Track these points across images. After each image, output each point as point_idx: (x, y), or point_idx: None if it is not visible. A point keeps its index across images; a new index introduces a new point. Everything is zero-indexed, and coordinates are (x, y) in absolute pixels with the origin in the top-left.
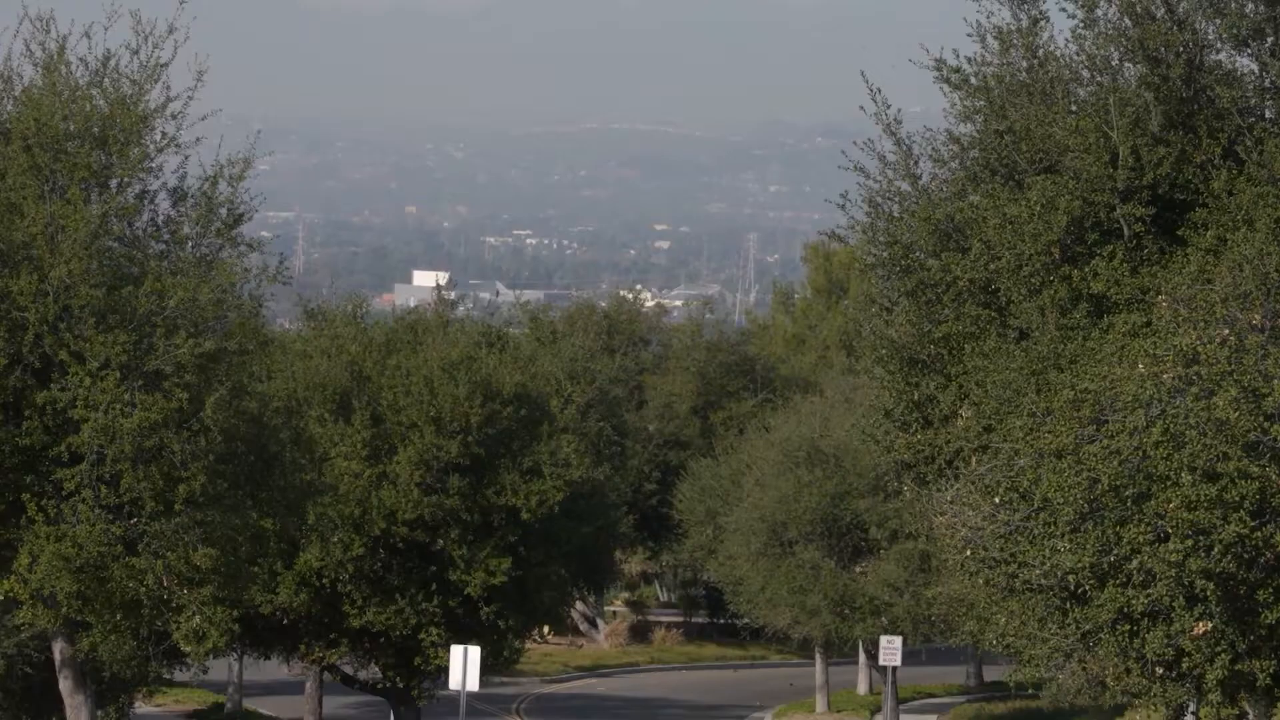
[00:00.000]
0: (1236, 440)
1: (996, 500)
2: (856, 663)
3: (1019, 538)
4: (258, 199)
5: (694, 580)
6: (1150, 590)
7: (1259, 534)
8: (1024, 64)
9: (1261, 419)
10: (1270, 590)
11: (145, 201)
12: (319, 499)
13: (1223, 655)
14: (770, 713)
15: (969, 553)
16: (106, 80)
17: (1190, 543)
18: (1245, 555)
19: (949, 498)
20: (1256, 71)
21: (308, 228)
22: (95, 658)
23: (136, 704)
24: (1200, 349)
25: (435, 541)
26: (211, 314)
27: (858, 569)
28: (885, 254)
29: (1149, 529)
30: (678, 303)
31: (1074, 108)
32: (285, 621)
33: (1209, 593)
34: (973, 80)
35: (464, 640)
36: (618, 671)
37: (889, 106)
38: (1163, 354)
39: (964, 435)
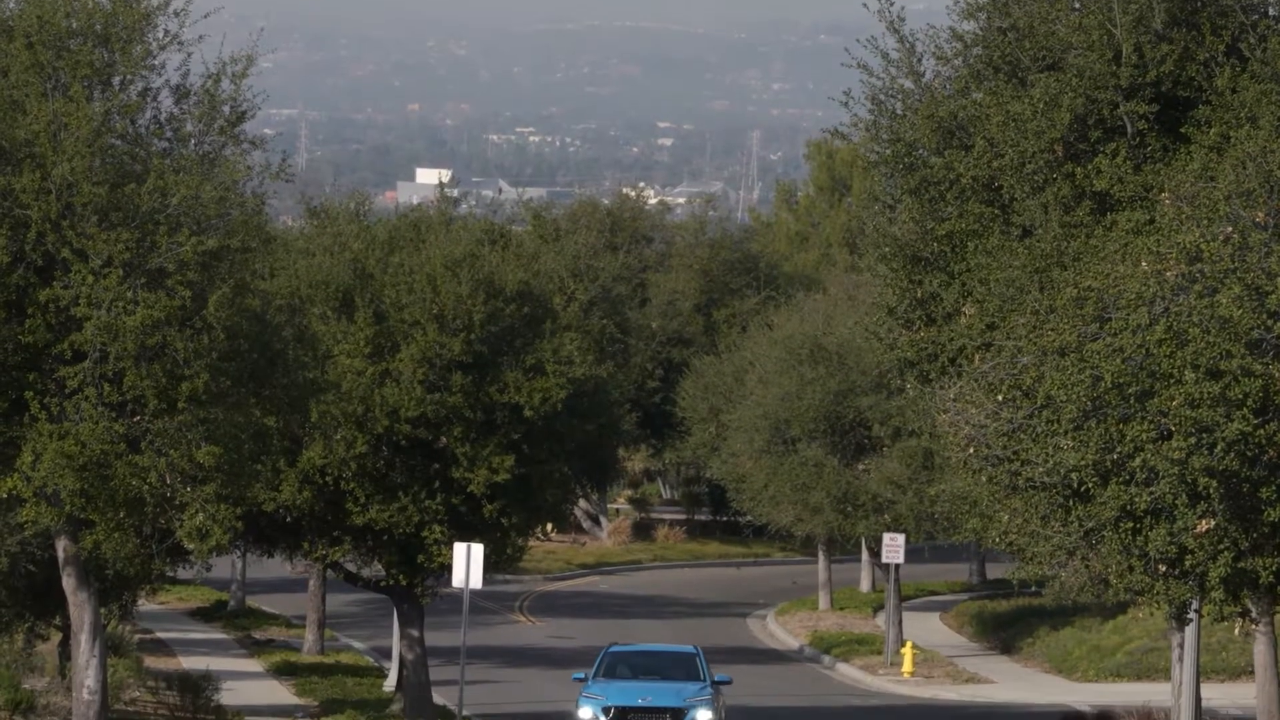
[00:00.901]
0: (1239, 338)
1: (999, 398)
2: (859, 560)
3: (1022, 435)
4: (260, 96)
5: (697, 478)
6: (1153, 488)
7: (1262, 431)
8: None
9: (1265, 316)
10: (1273, 488)
11: (148, 99)
12: (322, 396)
13: (1225, 553)
14: (773, 610)
15: (972, 450)
16: None
17: (1193, 440)
18: (1248, 453)
19: (952, 395)
20: None
21: (310, 125)
22: (98, 555)
23: (140, 602)
24: (1203, 246)
25: (438, 439)
26: (214, 212)
27: (860, 466)
28: (888, 151)
29: (1152, 427)
30: (681, 200)
31: (1077, 4)
32: (288, 519)
33: (1212, 490)
34: None
35: (467, 538)
36: (621, 569)
37: (892, 3)
38: (1166, 252)
39: (967, 333)
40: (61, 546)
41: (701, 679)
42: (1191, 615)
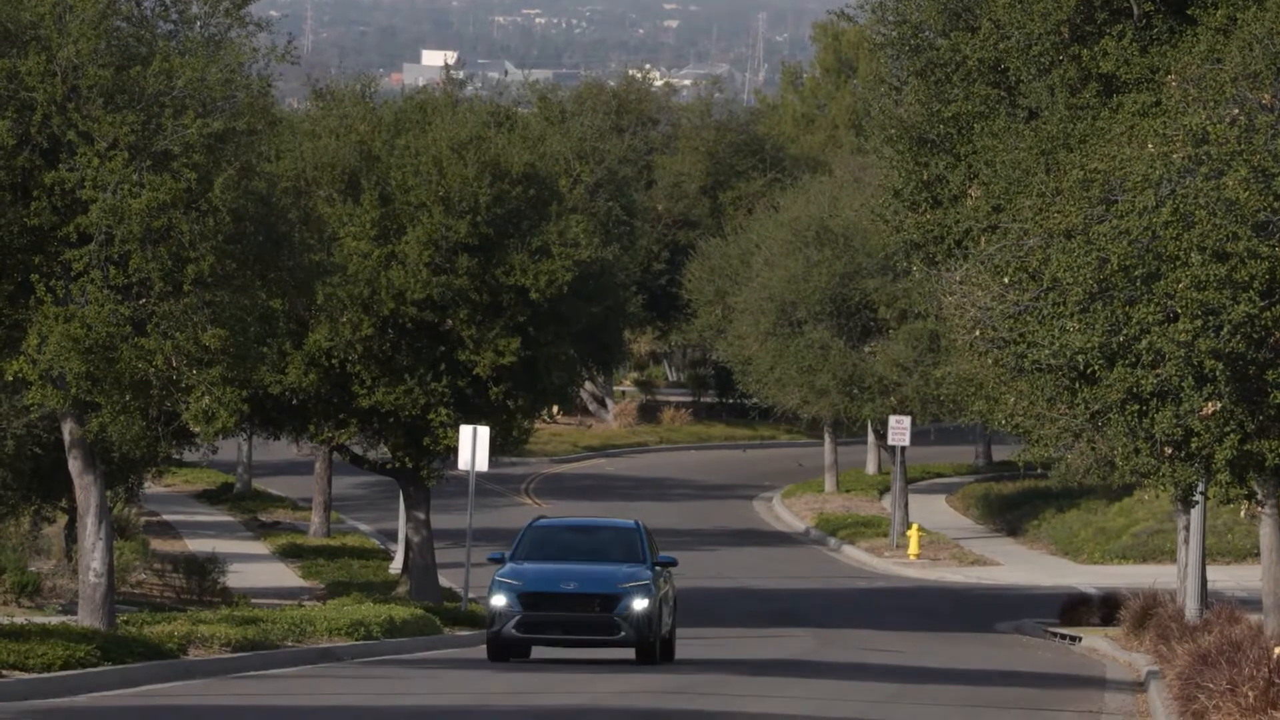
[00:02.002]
0: (1246, 220)
1: (1005, 280)
2: (865, 443)
3: (1028, 318)
4: None
5: (703, 360)
6: (1159, 370)
7: (1268, 314)
8: None
9: (1271, 199)
10: (1279, 370)
11: None
12: (328, 279)
13: (1231, 435)
14: (779, 493)
15: (978, 333)
16: None
17: (1199, 323)
18: (1254, 335)
19: (958, 278)
20: None
21: (316, 7)
22: (104, 438)
23: (146, 484)
24: (1210, 129)
25: (444, 322)
26: (220, 94)
27: (866, 349)
28: (894, 33)
29: (1158, 309)
30: (686, 82)
31: None
32: (294, 402)
33: (1218, 373)
34: None
35: (473, 420)
36: (626, 451)
37: None
38: (1172, 134)
39: (973, 215)
40: (67, 429)
41: (641, 559)
42: (1197, 498)
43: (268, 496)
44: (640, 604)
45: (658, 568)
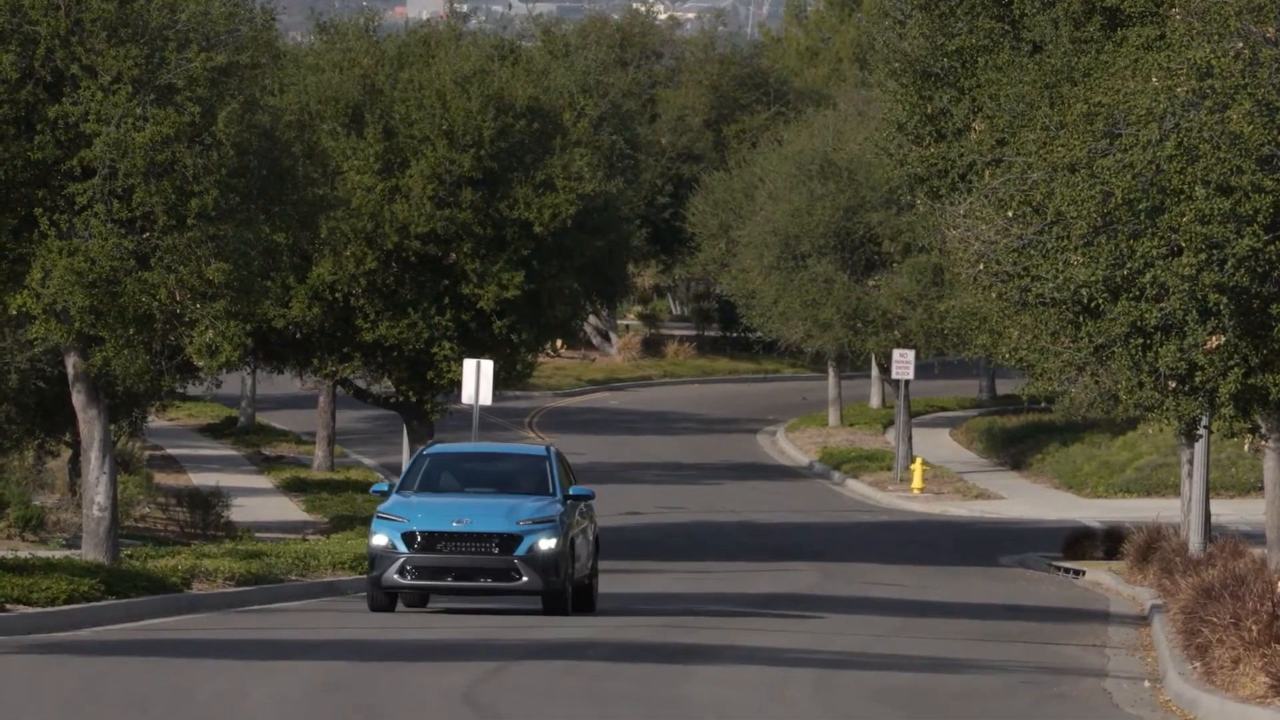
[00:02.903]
0: (1250, 154)
1: (1009, 214)
2: (869, 377)
3: (1032, 251)
4: None
5: (707, 294)
6: (1163, 304)
7: (1272, 248)
8: None
9: (1275, 132)
10: None
11: None
12: (331, 213)
13: (1236, 369)
14: (783, 427)
15: (982, 266)
16: None
17: (1203, 256)
18: (1259, 269)
19: (962, 211)
20: None
21: None
22: (108, 372)
23: (150, 418)
24: (1214, 62)
25: (448, 255)
26: (224, 27)
27: (870, 282)
28: None
29: (1162, 243)
30: (690, 15)
31: None
32: (298, 336)
33: (1222, 307)
34: None
35: (477, 354)
36: (630, 385)
37: None
38: (1176, 67)
39: (977, 149)
40: (71, 363)
41: (551, 491)
42: (1201, 431)
43: (271, 431)
44: (546, 544)
45: (571, 501)
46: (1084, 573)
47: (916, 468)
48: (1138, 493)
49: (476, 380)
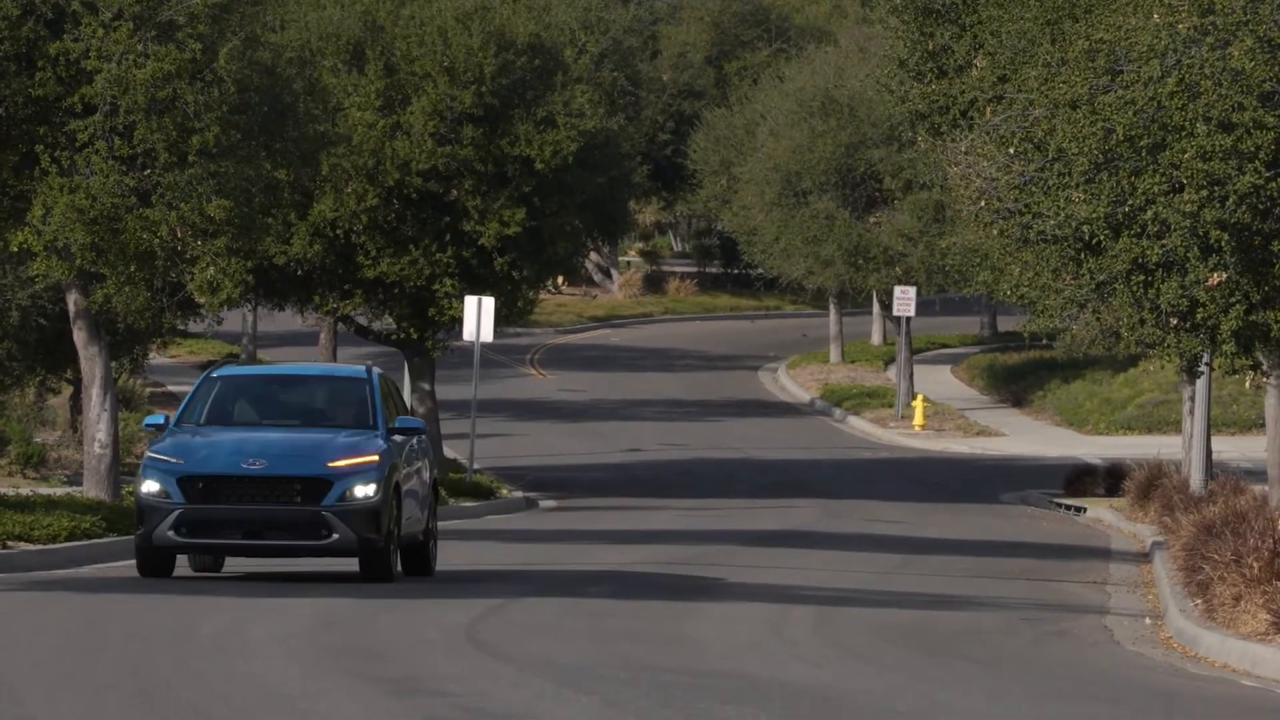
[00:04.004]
0: (1252, 90)
1: (1011, 151)
2: (870, 313)
3: (1033, 188)
4: None
5: (708, 230)
6: (1164, 241)
7: (1273, 185)
8: None
9: (1277, 69)
10: None
11: None
12: (333, 150)
13: (1237, 306)
14: (784, 364)
15: (983, 203)
16: None
17: (1205, 193)
18: (1260, 206)
19: (963, 148)
20: None
21: None
22: (109, 309)
23: (151, 355)
24: None
25: (449, 192)
26: None
27: (872, 219)
28: None
29: (1164, 179)
30: None
31: None
32: (299, 273)
33: (1223, 243)
34: None
35: (478, 291)
36: (631, 322)
37: None
38: (1178, 3)
39: (978, 85)
40: (72, 300)
41: (371, 425)
42: (1202, 368)
43: None
44: (363, 490)
45: (398, 437)
46: (1085, 510)
47: (918, 405)
48: (1139, 430)
49: (478, 317)
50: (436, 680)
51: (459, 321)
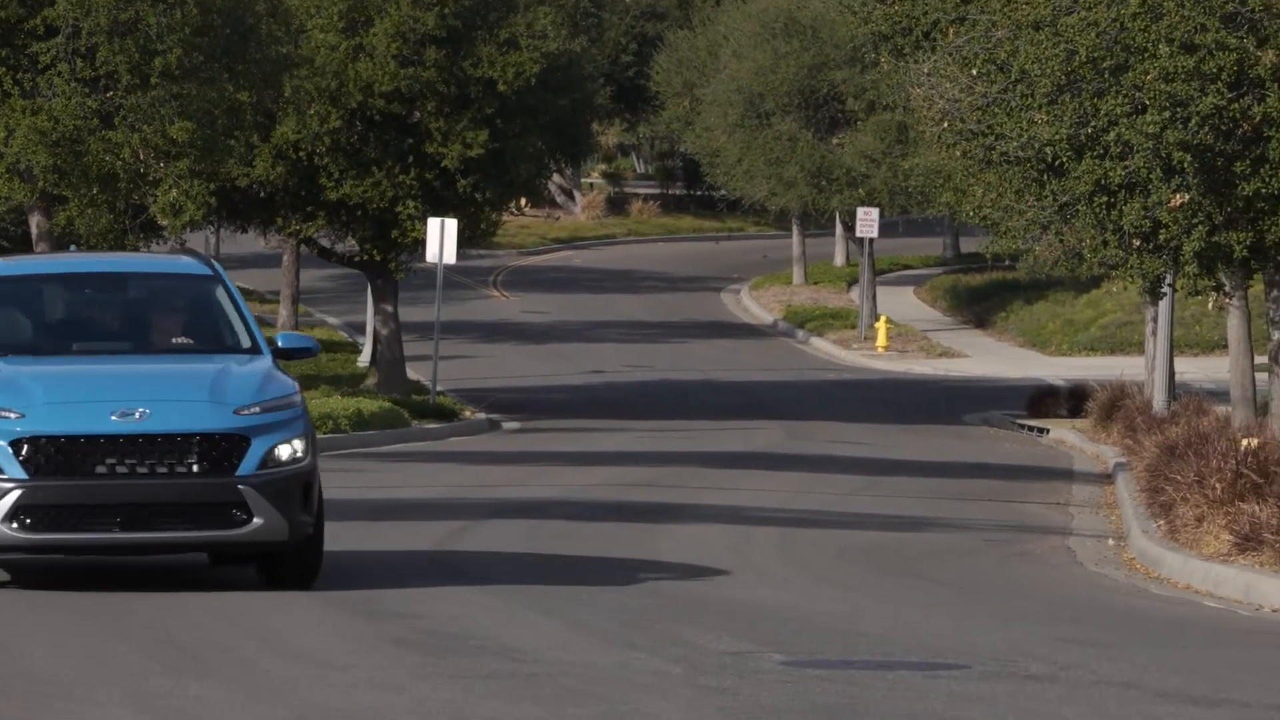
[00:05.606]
0: (1214, 11)
1: (974, 72)
2: (833, 235)
3: (996, 110)
4: None
5: (671, 152)
6: (1127, 162)
7: (1236, 106)
8: None
9: None
10: (1247, 162)
11: None
12: (295, 71)
13: (1200, 227)
14: (747, 285)
15: (946, 125)
16: None
17: (1167, 114)
18: (1222, 127)
19: (926, 70)
20: None
21: None
22: (72, 231)
23: None
24: None
25: (412, 114)
26: None
27: (835, 141)
28: None
29: (1126, 100)
30: None
31: None
32: (262, 195)
33: (1186, 164)
34: None
35: (441, 213)
36: (594, 244)
37: None
38: None
39: (941, 6)
40: (35, 222)
41: (248, 345)
42: (1165, 289)
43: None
44: (289, 449)
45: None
46: (1048, 431)
47: (880, 326)
48: (1102, 350)
49: (440, 239)
50: (401, 602)
51: (422, 243)
